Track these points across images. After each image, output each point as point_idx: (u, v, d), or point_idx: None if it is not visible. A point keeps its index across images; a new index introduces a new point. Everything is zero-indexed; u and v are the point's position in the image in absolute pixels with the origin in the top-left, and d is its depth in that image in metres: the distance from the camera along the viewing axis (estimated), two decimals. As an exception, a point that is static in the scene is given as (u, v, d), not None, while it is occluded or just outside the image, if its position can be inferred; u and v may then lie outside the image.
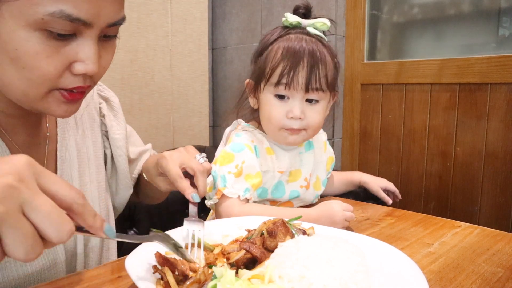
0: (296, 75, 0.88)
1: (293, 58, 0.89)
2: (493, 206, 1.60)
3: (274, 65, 0.90)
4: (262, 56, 0.95)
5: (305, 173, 1.02)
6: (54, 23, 0.52)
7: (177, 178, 0.71)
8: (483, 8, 1.67)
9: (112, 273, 0.63)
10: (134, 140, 0.98)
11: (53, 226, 0.39)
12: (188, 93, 2.17)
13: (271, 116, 0.92)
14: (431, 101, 1.74)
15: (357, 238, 0.69)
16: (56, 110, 0.61)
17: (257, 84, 0.95)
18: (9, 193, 0.37)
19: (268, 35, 0.96)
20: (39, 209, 0.39)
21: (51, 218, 0.39)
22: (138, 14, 1.89)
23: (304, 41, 0.91)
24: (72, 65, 0.58)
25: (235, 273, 0.51)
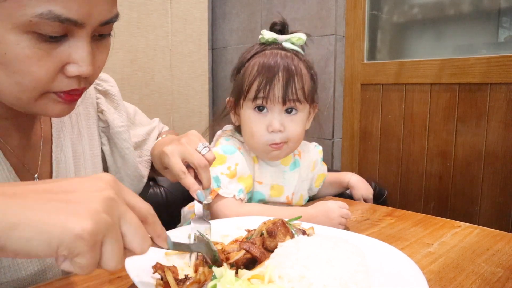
0: (272, 89, 0.91)
1: (268, 72, 0.91)
2: (493, 206, 1.60)
3: (251, 81, 0.92)
4: (239, 73, 0.97)
5: (287, 191, 1.02)
6: (43, 24, 0.50)
7: (181, 175, 0.70)
8: (483, 8, 1.67)
9: (112, 273, 0.63)
10: (139, 120, 0.96)
11: (139, 239, 0.43)
12: (188, 93, 2.17)
13: (253, 132, 0.94)
14: (431, 101, 1.74)
15: (357, 238, 0.69)
16: (53, 110, 0.59)
17: (237, 101, 0.97)
18: (112, 205, 0.41)
19: (245, 53, 0.99)
20: (130, 223, 0.42)
21: (139, 231, 0.43)
22: (138, 14, 1.89)
23: (279, 56, 0.93)
24: (65, 67, 0.55)
25: (235, 273, 0.51)
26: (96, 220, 0.38)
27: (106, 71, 1.67)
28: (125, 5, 1.84)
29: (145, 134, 0.94)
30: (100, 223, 0.39)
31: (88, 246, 0.38)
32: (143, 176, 0.91)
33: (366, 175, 1.38)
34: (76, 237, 0.37)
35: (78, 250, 0.38)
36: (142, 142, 0.93)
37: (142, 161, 0.93)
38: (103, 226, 0.39)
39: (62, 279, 0.62)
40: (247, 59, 0.97)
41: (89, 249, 0.38)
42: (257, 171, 0.99)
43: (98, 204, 0.40)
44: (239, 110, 0.98)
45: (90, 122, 0.82)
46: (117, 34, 1.82)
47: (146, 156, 0.93)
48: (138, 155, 0.92)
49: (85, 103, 0.82)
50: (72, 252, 0.38)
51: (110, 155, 0.86)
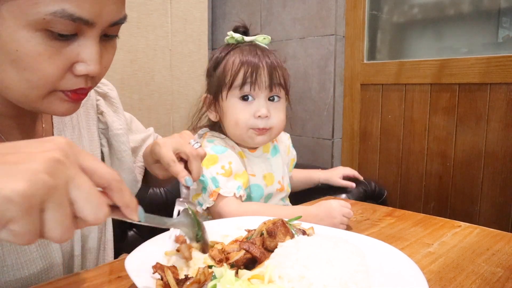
0: (259, 75, 0.95)
1: (253, 62, 0.96)
2: (493, 206, 1.60)
3: (236, 70, 0.95)
4: (218, 69, 1.00)
5: (277, 176, 1.06)
6: (55, 23, 0.51)
7: (170, 163, 0.70)
8: (483, 9, 1.67)
9: (112, 273, 0.63)
10: (135, 127, 0.97)
11: (92, 206, 0.39)
12: (188, 93, 2.17)
13: (238, 119, 0.97)
14: (431, 101, 1.74)
15: (357, 238, 0.69)
16: (58, 109, 0.60)
17: (217, 95, 0.99)
18: (58, 167, 0.37)
19: (216, 53, 1.03)
20: (81, 188, 0.38)
21: (91, 197, 0.39)
22: (138, 14, 1.89)
23: (256, 49, 0.99)
24: (73, 66, 0.56)
25: (235, 273, 0.51)
26: (32, 181, 0.35)
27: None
28: (125, 5, 1.83)
29: (140, 141, 0.95)
30: (38, 185, 0.35)
31: (21, 210, 0.34)
32: (138, 181, 0.91)
33: (366, 175, 1.38)
34: (6, 200, 0.33)
35: (9, 215, 0.34)
36: (137, 148, 0.94)
37: (136, 167, 0.93)
38: (41, 189, 0.35)
39: (62, 279, 0.62)
40: (223, 55, 1.00)
41: (23, 214, 0.34)
42: (247, 165, 1.01)
43: (39, 165, 0.36)
44: (219, 104, 1.00)
45: (90, 123, 0.83)
46: (117, 34, 1.83)
47: (140, 162, 0.94)
48: (133, 161, 0.92)
49: (85, 105, 0.83)
50: (4, 216, 0.34)
51: (109, 157, 0.87)
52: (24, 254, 0.65)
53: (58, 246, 0.70)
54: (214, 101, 1.01)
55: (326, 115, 2.02)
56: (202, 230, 0.58)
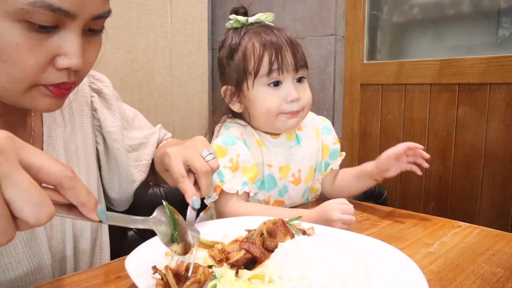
0: (284, 58, 0.91)
1: (275, 44, 0.91)
2: (493, 206, 1.60)
3: (260, 55, 0.91)
4: (235, 56, 0.95)
5: (293, 168, 1.00)
6: (35, 13, 0.49)
7: (179, 178, 0.68)
8: (483, 9, 1.67)
9: (112, 273, 0.63)
10: (138, 123, 0.94)
11: (31, 205, 0.35)
12: (188, 93, 2.17)
13: (269, 107, 0.92)
14: (431, 101, 1.74)
15: (357, 238, 0.69)
16: (41, 104, 0.58)
17: (239, 85, 0.94)
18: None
19: (227, 40, 0.97)
20: (17, 185, 0.35)
21: (30, 195, 0.35)
22: (138, 14, 1.89)
23: (270, 30, 0.94)
24: (55, 59, 0.55)
25: (235, 273, 0.51)
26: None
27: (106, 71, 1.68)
28: (125, 5, 1.84)
29: (143, 138, 0.91)
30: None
31: None
32: (134, 180, 0.88)
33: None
34: None
35: None
36: (139, 145, 0.91)
37: (139, 165, 0.90)
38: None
39: (62, 279, 0.62)
40: (237, 42, 0.95)
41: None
42: (265, 154, 0.97)
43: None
44: (243, 94, 0.95)
45: (84, 120, 0.81)
46: (117, 34, 1.83)
47: (144, 160, 0.91)
48: (135, 158, 0.90)
49: (79, 101, 0.81)
50: None
51: (104, 155, 0.85)
52: (9, 255, 0.63)
53: (47, 247, 0.68)
54: (236, 92, 0.96)
55: (326, 115, 2.02)
56: (180, 230, 0.53)
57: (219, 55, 1.00)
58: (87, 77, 0.84)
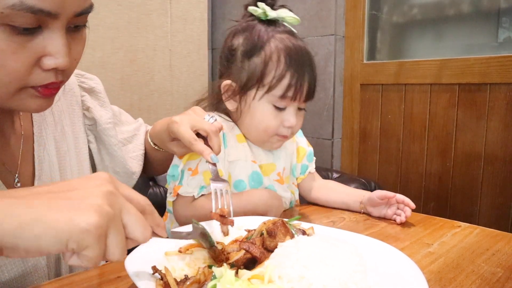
0: (302, 87, 0.86)
1: (299, 69, 0.86)
2: (493, 206, 1.60)
3: (281, 75, 0.85)
4: (254, 58, 0.87)
5: (279, 167, 0.98)
6: (15, 16, 0.48)
7: (192, 141, 0.72)
8: (483, 9, 1.67)
9: (112, 273, 0.63)
10: (125, 118, 0.95)
11: (141, 228, 0.45)
12: (188, 93, 2.17)
13: (268, 126, 0.88)
14: (431, 101, 1.74)
15: (357, 238, 0.69)
16: (30, 106, 0.58)
17: (246, 89, 0.88)
18: (113, 199, 0.43)
19: (251, 32, 0.88)
20: (131, 213, 0.44)
21: (140, 221, 0.45)
22: (138, 14, 1.89)
23: (298, 45, 0.88)
24: (41, 60, 0.54)
25: (235, 273, 0.51)
26: (100, 213, 0.40)
27: (106, 71, 1.68)
28: (125, 5, 1.84)
29: (133, 130, 0.94)
30: (104, 216, 0.40)
31: (95, 238, 0.40)
32: (133, 172, 0.90)
33: (365, 175, 1.38)
34: (83, 230, 0.39)
35: (86, 243, 0.39)
36: (131, 137, 0.93)
37: (134, 156, 0.92)
38: (106, 219, 0.41)
39: (62, 278, 0.62)
40: (262, 44, 0.87)
41: (96, 241, 0.40)
42: (247, 149, 0.93)
43: (100, 198, 0.41)
44: (245, 99, 0.89)
45: (75, 120, 0.81)
46: (117, 34, 1.83)
47: (139, 151, 0.93)
48: (131, 150, 0.92)
49: (69, 101, 0.80)
50: (81, 245, 0.39)
51: (98, 153, 0.85)
52: (2, 257, 0.62)
53: None
54: (240, 93, 0.89)
55: (326, 115, 2.02)
56: (213, 241, 0.61)
57: (232, 43, 0.91)
58: (76, 77, 0.84)
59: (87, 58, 1.68)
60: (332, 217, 0.95)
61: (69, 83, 0.81)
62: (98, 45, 1.76)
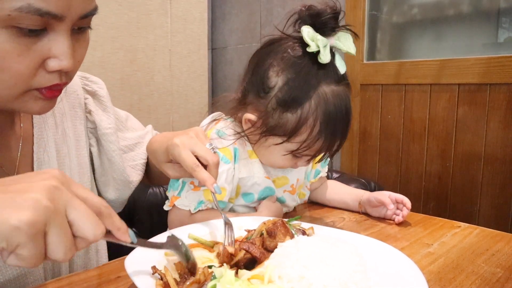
0: (329, 152, 0.82)
1: (333, 136, 0.79)
2: (493, 206, 1.60)
3: (312, 142, 0.78)
4: (288, 113, 0.77)
5: (292, 179, 0.95)
6: (22, 18, 0.49)
7: (195, 168, 0.68)
8: (483, 9, 1.67)
9: (112, 273, 0.63)
10: (131, 125, 0.93)
11: (90, 225, 0.42)
12: (188, 93, 2.17)
13: (280, 165, 0.86)
14: (431, 102, 1.74)
15: (357, 238, 0.69)
16: (33, 108, 0.58)
17: (269, 134, 0.81)
18: (56, 193, 0.40)
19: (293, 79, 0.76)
20: (78, 209, 0.42)
21: (88, 217, 0.42)
22: (138, 14, 1.89)
23: (339, 106, 0.77)
24: (45, 62, 0.54)
25: (235, 273, 0.51)
26: (36, 209, 0.38)
27: (106, 71, 1.68)
28: (125, 5, 1.84)
29: (137, 137, 0.91)
30: (40, 212, 0.38)
31: (27, 236, 0.37)
32: (131, 181, 0.87)
33: (365, 175, 1.38)
34: (13, 228, 0.37)
35: (17, 241, 0.37)
36: (134, 145, 0.90)
37: (136, 164, 0.90)
38: (43, 215, 0.38)
39: (62, 278, 0.62)
40: (301, 100, 0.76)
41: (29, 239, 0.38)
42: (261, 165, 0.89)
43: (39, 193, 0.39)
44: (265, 137, 0.82)
45: (77, 122, 0.80)
46: (117, 34, 1.82)
47: (140, 160, 0.90)
48: (132, 158, 0.89)
49: (71, 103, 0.80)
50: (11, 244, 0.37)
51: (98, 157, 0.84)
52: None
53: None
54: (263, 132, 0.81)
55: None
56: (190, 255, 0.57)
57: (271, 76, 0.78)
58: (81, 79, 0.83)
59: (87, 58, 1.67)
60: (332, 217, 0.95)
61: (73, 85, 0.81)
62: (98, 45, 1.75)
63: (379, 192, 0.94)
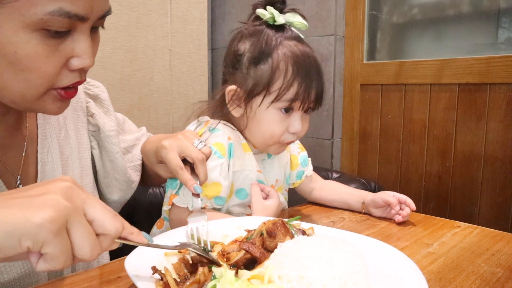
0: (310, 94, 0.86)
1: (306, 77, 0.84)
2: (493, 206, 1.60)
3: (289, 83, 0.83)
4: (262, 65, 0.85)
5: (271, 180, 0.97)
6: (53, 21, 0.52)
7: (178, 170, 0.72)
8: (483, 9, 1.67)
9: (112, 273, 0.63)
10: (128, 127, 0.96)
11: (109, 220, 0.44)
12: (188, 93, 2.17)
13: (274, 132, 0.87)
14: (431, 102, 1.74)
15: (357, 238, 0.69)
16: (51, 108, 0.61)
17: (252, 95, 0.86)
18: (72, 193, 0.43)
19: (258, 36, 0.86)
20: (95, 206, 0.44)
21: (106, 213, 0.44)
22: (138, 14, 1.89)
23: (306, 54, 0.87)
24: (69, 62, 0.57)
25: (235, 274, 0.51)
26: (55, 208, 0.40)
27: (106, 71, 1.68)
28: (125, 5, 1.83)
29: (134, 139, 0.94)
30: (60, 209, 0.40)
31: (51, 233, 0.39)
32: (133, 181, 0.90)
33: (365, 175, 1.38)
34: (37, 226, 0.38)
35: (42, 239, 0.39)
36: (131, 147, 0.93)
37: (133, 166, 0.92)
38: (64, 212, 0.40)
39: (62, 279, 0.62)
40: (270, 51, 0.85)
41: (53, 236, 0.39)
42: (253, 159, 0.92)
43: (56, 194, 0.41)
44: (250, 105, 0.87)
45: (79, 126, 0.82)
46: (117, 34, 1.82)
47: (137, 161, 0.93)
48: (130, 160, 0.92)
49: (74, 106, 0.81)
50: (36, 242, 0.39)
51: (100, 159, 0.86)
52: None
53: None
54: (245, 99, 0.87)
55: (326, 115, 2.02)
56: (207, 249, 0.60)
57: (238, 48, 0.89)
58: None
59: (87, 58, 1.67)
60: (332, 217, 0.95)
61: None
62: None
63: (385, 193, 0.94)
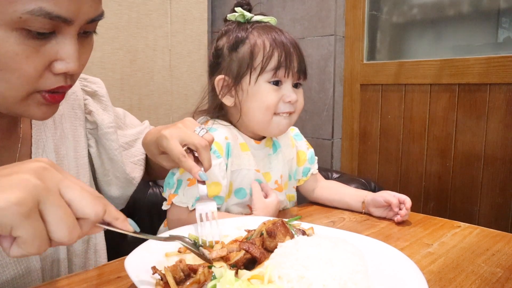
0: (291, 61, 0.90)
1: (284, 45, 0.91)
2: (493, 206, 1.60)
3: (269, 53, 0.90)
4: (240, 49, 0.92)
5: (275, 175, 0.98)
6: (33, 21, 0.50)
7: (181, 158, 0.70)
8: (483, 9, 1.67)
9: (112, 273, 0.63)
10: (129, 121, 0.95)
11: (88, 203, 0.41)
12: (188, 93, 2.17)
13: (268, 103, 0.90)
14: (431, 102, 1.74)
15: (357, 238, 0.69)
16: (36, 113, 0.59)
17: (239, 78, 0.91)
18: (45, 173, 0.40)
19: (232, 31, 0.94)
20: (73, 188, 0.41)
21: (85, 195, 0.41)
22: (138, 14, 1.89)
23: (278, 31, 0.93)
24: (52, 65, 0.55)
25: (235, 274, 0.51)
26: (25, 188, 0.37)
27: (106, 71, 1.68)
28: (125, 5, 1.83)
29: (136, 134, 0.93)
30: (30, 190, 0.38)
31: (20, 215, 0.37)
32: (133, 177, 0.88)
33: (365, 175, 1.38)
34: (2, 209, 0.36)
35: (10, 222, 0.36)
36: (134, 141, 0.92)
37: (136, 160, 0.91)
38: (34, 192, 0.38)
39: (62, 279, 0.62)
40: (244, 36, 0.92)
41: (22, 218, 0.37)
42: (251, 158, 0.93)
43: (27, 174, 0.39)
44: (240, 88, 0.91)
45: (77, 124, 0.80)
46: (117, 34, 1.83)
47: (140, 155, 0.92)
48: (132, 154, 0.91)
49: (71, 104, 0.80)
50: (4, 225, 0.37)
51: (98, 157, 0.85)
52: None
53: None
54: (234, 85, 0.92)
55: (325, 116, 2.02)
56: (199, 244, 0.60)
57: (217, 44, 0.96)
58: (80, 80, 0.84)
59: (87, 58, 1.67)
60: (332, 217, 0.95)
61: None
62: (98, 45, 1.75)
63: (385, 192, 0.95)
